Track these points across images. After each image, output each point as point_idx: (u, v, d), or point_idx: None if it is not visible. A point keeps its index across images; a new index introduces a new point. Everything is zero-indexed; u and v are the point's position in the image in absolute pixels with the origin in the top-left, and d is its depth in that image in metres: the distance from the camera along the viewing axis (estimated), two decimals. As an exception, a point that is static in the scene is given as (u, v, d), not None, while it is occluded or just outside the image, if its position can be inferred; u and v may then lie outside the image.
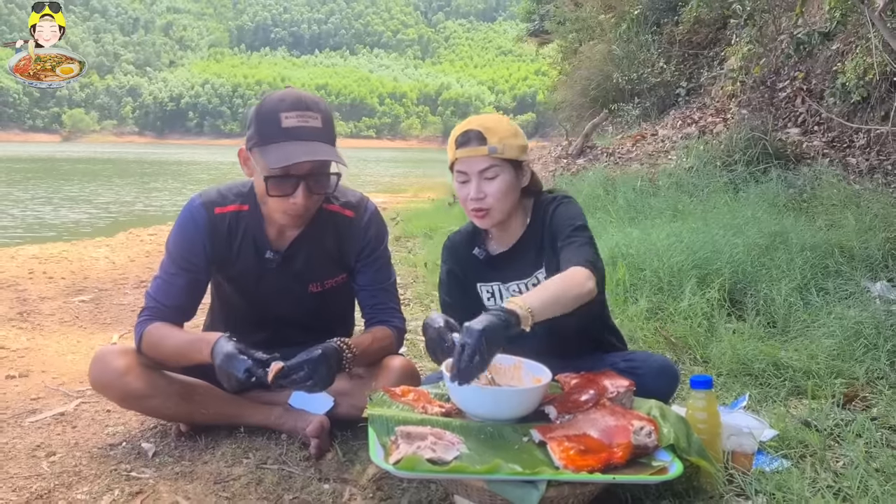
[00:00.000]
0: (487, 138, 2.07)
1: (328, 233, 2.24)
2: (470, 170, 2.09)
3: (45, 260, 5.75)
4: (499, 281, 2.26)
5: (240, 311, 2.33)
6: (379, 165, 38.09)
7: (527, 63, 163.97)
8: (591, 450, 1.67)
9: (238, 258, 2.20)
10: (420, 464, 1.59)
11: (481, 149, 2.07)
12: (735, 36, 8.51)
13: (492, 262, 2.25)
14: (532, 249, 2.20)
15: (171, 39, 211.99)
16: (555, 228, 2.12)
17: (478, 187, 2.09)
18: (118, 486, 1.91)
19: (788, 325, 3.18)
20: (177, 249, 2.18)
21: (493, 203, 2.09)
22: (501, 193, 2.09)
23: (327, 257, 2.25)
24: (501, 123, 2.13)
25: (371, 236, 2.27)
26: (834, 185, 4.97)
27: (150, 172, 29.23)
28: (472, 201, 2.11)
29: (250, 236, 2.19)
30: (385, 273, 2.32)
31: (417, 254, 6.31)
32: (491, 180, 2.09)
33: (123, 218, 12.11)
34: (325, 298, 2.32)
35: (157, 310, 2.15)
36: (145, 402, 2.12)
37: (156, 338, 2.10)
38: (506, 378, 2.05)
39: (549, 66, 20.42)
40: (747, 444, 1.89)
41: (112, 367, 2.08)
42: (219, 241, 2.17)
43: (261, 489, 1.90)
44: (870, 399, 2.43)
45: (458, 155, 2.10)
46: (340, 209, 2.25)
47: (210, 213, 2.17)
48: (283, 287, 2.25)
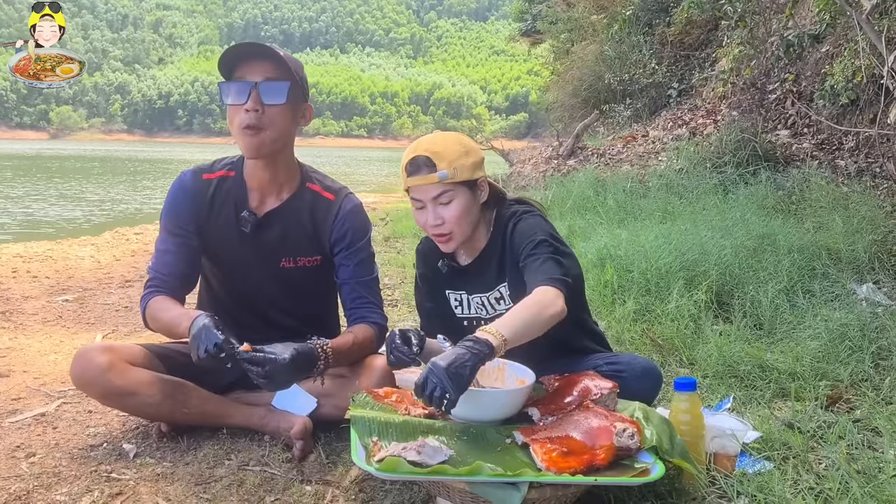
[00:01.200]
0: (437, 163, 2.02)
1: (305, 209, 2.27)
2: (424, 197, 2.07)
3: (30, 259, 5.71)
4: (464, 291, 2.26)
5: (220, 295, 2.33)
6: (371, 165, 38.06)
7: (519, 63, 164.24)
8: (574, 451, 1.67)
9: (218, 220, 2.24)
10: (401, 465, 1.58)
11: (431, 176, 2.03)
12: (726, 37, 8.54)
13: (457, 272, 2.25)
14: (494, 264, 2.17)
15: (160, 37, 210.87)
16: (515, 247, 2.09)
17: (434, 214, 2.07)
18: (98, 488, 1.89)
19: (775, 327, 3.19)
20: (167, 216, 2.25)
21: (452, 227, 2.08)
22: (459, 216, 2.07)
23: (302, 233, 2.27)
24: (449, 145, 2.06)
25: (350, 227, 2.28)
26: (822, 188, 5.00)
27: (142, 171, 29.08)
28: (431, 227, 2.09)
29: (231, 198, 2.25)
30: (366, 268, 2.32)
31: (406, 254, 6.29)
32: (446, 205, 2.06)
33: (120, 216, 12.06)
34: (299, 279, 2.31)
35: (158, 280, 2.21)
36: (127, 400, 2.10)
37: (154, 311, 2.16)
38: (489, 379, 2.05)
39: (542, 66, 20.43)
40: (730, 445, 1.89)
41: (94, 363, 2.06)
42: (202, 203, 2.24)
43: (242, 491, 1.88)
44: (853, 401, 2.44)
45: (410, 183, 2.08)
46: (321, 190, 2.30)
47: (198, 178, 2.27)
48: (257, 257, 2.26)
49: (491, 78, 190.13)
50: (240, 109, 2.07)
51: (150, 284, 2.22)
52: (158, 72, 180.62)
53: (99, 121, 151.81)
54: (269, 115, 2.09)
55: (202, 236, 2.26)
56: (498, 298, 2.19)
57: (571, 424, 1.78)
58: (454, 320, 2.29)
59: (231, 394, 2.27)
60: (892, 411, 2.24)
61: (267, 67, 2.09)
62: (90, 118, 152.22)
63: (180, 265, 2.23)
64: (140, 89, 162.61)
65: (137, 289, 4.73)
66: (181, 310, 2.12)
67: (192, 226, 2.23)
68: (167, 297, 2.18)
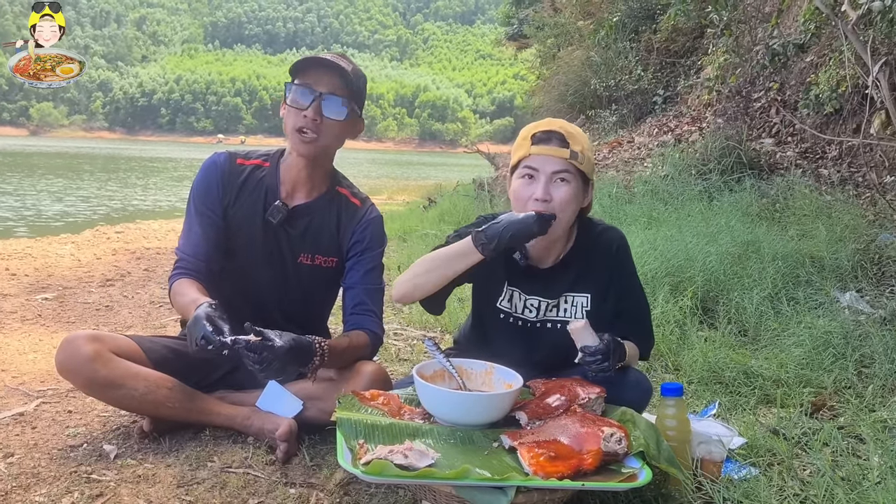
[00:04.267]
0: (570, 143, 1.99)
1: (333, 211, 2.32)
2: (543, 168, 1.98)
3: (8, 256, 5.62)
4: (521, 289, 2.16)
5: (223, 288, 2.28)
6: (356, 167, 37.95)
7: (505, 67, 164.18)
8: (561, 456, 1.66)
9: (244, 206, 2.26)
10: (388, 468, 1.56)
11: (563, 150, 1.98)
12: (712, 45, 8.58)
13: (526, 270, 2.15)
14: (572, 273, 2.13)
15: (143, 34, 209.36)
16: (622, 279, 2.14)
17: (545, 188, 1.97)
18: (78, 489, 1.85)
19: (759, 333, 3.21)
20: (196, 194, 2.28)
21: (557, 208, 1.97)
22: (567, 201, 1.98)
23: (327, 232, 2.31)
24: (582, 135, 2.06)
25: (369, 234, 2.32)
26: (806, 196, 5.03)
27: (127, 168, 28.86)
28: (535, 201, 1.98)
29: (263, 188, 2.28)
30: (374, 277, 2.33)
31: (391, 257, 6.28)
32: (561, 185, 1.99)
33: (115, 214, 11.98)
34: (309, 279, 2.31)
35: (184, 261, 2.24)
36: (111, 391, 2.07)
37: (174, 293, 2.19)
38: (477, 383, 2.04)
39: (528, 70, 20.47)
40: (716, 451, 1.89)
41: (80, 352, 2.03)
42: (231, 187, 2.27)
43: (225, 493, 1.86)
44: (837, 408, 2.46)
45: (534, 151, 1.99)
46: (350, 195, 2.37)
47: (232, 161, 2.30)
48: (276, 249, 2.28)
49: (476, 81, 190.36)
50: (299, 113, 2.14)
51: (177, 266, 2.25)
52: (141, 69, 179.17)
53: (80, 118, 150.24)
54: (325, 125, 2.17)
55: (226, 220, 2.27)
56: (556, 307, 2.14)
57: (559, 429, 1.77)
58: (492, 309, 2.19)
59: (216, 393, 2.25)
60: (875, 418, 2.26)
61: (335, 82, 2.17)
62: (71, 115, 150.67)
63: (205, 245, 2.25)
64: (122, 87, 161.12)
65: (119, 288, 4.68)
66: (195, 295, 2.10)
67: (219, 207, 2.26)
68: (190, 279, 2.20)
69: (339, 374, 2.18)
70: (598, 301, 2.12)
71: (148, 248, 6.55)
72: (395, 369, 3.02)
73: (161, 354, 2.20)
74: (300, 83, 2.16)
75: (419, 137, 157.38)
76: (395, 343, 3.49)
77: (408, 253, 6.20)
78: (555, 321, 2.14)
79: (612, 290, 2.13)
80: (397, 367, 3.08)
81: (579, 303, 2.13)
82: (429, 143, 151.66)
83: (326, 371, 2.13)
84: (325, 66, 2.16)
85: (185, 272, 2.22)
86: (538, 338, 2.14)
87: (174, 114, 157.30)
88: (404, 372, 2.92)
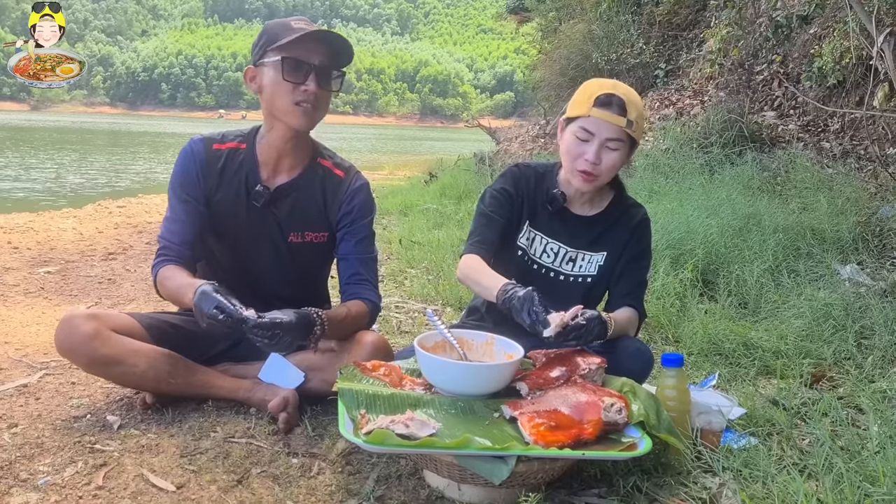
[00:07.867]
0: (628, 110, 2.03)
1: (317, 185, 2.30)
2: (598, 132, 2.05)
3: (10, 230, 5.62)
4: (544, 233, 2.24)
5: (219, 271, 2.30)
6: (358, 142, 37.79)
7: (506, 41, 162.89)
8: (562, 426, 1.67)
9: (227, 192, 2.25)
10: (390, 438, 1.57)
11: (620, 118, 2.03)
12: (714, 18, 8.49)
13: (557, 214, 2.23)
14: (597, 230, 2.23)
15: (143, 8, 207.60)
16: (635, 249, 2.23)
17: (597, 153, 2.06)
18: (81, 459, 1.87)
19: (759, 305, 3.22)
20: (176, 182, 2.26)
21: (603, 172, 2.09)
22: (613, 167, 2.10)
23: (313, 208, 2.30)
24: (640, 101, 2.11)
25: (357, 203, 2.31)
26: (807, 169, 5.02)
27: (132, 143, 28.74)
28: (585, 162, 2.07)
29: (243, 171, 2.26)
30: (367, 246, 2.33)
31: (392, 231, 6.28)
32: (612, 151, 2.07)
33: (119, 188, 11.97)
34: (303, 256, 2.32)
35: (168, 248, 2.23)
36: (111, 369, 2.08)
37: (162, 280, 2.18)
38: (478, 354, 2.05)
39: (529, 44, 20.28)
40: (716, 421, 1.91)
41: (80, 331, 2.03)
42: (210, 174, 2.25)
43: (228, 462, 1.87)
44: (836, 379, 2.47)
45: (595, 114, 2.04)
46: (332, 167, 2.34)
47: (208, 148, 2.27)
48: (264, 231, 2.27)
49: (478, 56, 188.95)
50: (296, 87, 2.11)
51: (161, 253, 2.23)
52: (141, 44, 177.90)
53: (81, 93, 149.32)
54: (321, 97, 2.16)
55: (209, 207, 2.26)
56: (572, 258, 2.24)
57: (559, 399, 1.78)
58: (512, 247, 2.24)
59: (218, 366, 2.26)
60: (874, 389, 2.27)
61: (329, 52, 2.15)
62: (72, 90, 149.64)
63: (190, 232, 2.24)
64: (123, 61, 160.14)
65: (121, 262, 4.69)
66: (188, 279, 2.11)
67: (200, 193, 2.24)
68: (177, 265, 2.19)
69: (340, 345, 2.18)
70: (611, 261, 2.23)
71: (150, 223, 6.54)
72: (396, 342, 3.03)
73: (161, 330, 2.21)
74: (291, 56, 2.11)
75: (420, 113, 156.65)
76: (397, 315, 3.50)
77: (409, 227, 6.20)
78: (567, 274, 2.24)
79: (624, 256, 2.22)
80: (399, 340, 3.09)
81: (595, 261, 2.23)
82: (430, 118, 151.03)
83: (328, 342, 2.14)
84: (315, 39, 2.13)
85: (168, 259, 2.21)
86: (548, 286, 2.15)
87: (175, 89, 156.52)
88: (405, 344, 2.93)
